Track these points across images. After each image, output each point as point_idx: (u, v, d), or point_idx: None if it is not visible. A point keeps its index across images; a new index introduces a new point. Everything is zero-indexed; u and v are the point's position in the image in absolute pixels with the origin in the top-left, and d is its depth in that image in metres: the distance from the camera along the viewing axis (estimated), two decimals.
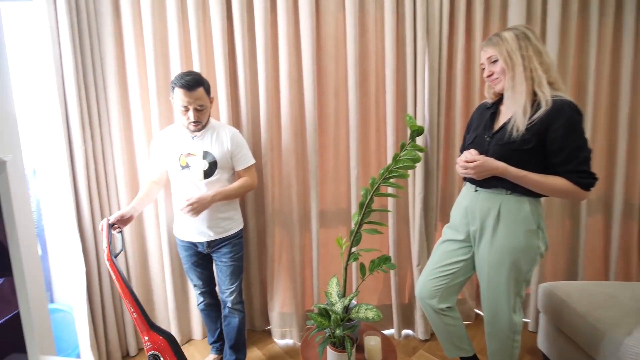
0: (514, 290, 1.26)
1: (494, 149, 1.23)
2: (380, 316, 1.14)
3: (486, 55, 1.26)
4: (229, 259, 1.58)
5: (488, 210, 1.26)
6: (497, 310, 1.30)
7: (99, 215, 1.67)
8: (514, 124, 1.17)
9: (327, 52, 1.79)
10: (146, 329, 1.28)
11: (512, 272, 1.24)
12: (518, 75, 1.16)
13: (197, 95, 1.39)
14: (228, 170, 1.57)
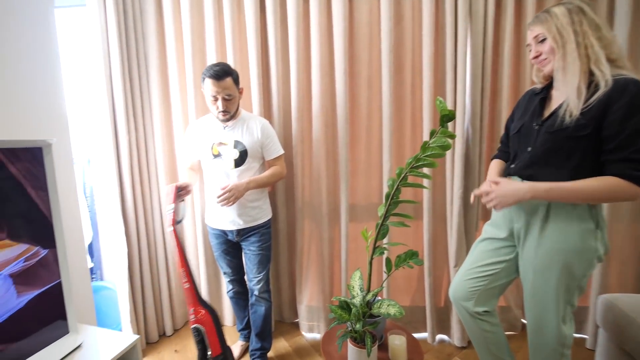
0: (564, 297, 1.11)
1: (544, 138, 1.09)
2: (402, 313, 1.07)
3: (533, 35, 1.13)
4: (257, 247, 1.59)
5: (536, 205, 1.12)
6: (542, 320, 1.15)
7: (141, 200, 1.78)
8: (567, 109, 1.03)
9: (360, 41, 1.74)
10: (194, 301, 1.32)
11: (563, 276, 1.09)
12: (570, 54, 1.02)
13: (225, 85, 1.42)
14: (258, 160, 1.58)
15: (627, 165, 0.95)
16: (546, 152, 1.09)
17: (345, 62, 1.69)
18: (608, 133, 0.97)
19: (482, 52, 1.64)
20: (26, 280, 0.96)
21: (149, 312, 1.83)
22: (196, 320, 1.29)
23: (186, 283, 1.32)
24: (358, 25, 1.73)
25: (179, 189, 1.42)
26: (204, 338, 1.31)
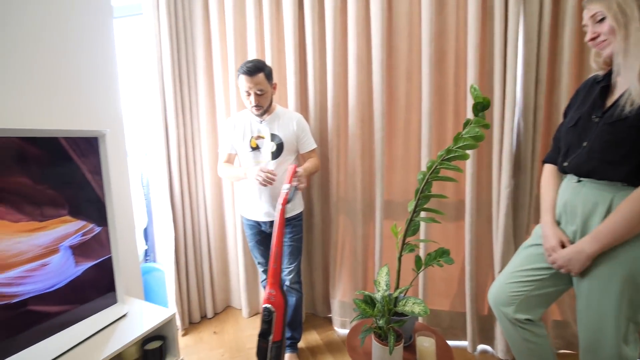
0: (626, 313, 0.95)
1: (603, 130, 0.96)
2: (427, 312, 1.01)
3: (590, 13, 0.99)
4: (288, 239, 1.63)
5: (594, 206, 0.98)
6: (598, 338, 1.00)
7: (187, 191, 1.92)
8: (629, 97, 0.90)
9: (399, 32, 1.68)
10: (276, 283, 1.35)
11: (626, 288, 0.94)
12: (634, 34, 0.89)
13: (257, 81, 1.47)
14: (293, 153, 1.62)
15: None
16: (605, 146, 0.95)
17: (382, 54, 1.64)
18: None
19: (537, 36, 1.49)
20: (83, 252, 1.09)
21: (192, 294, 1.97)
22: (271, 301, 1.32)
23: (274, 264, 1.35)
24: (397, 16, 1.67)
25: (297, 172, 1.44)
26: (272, 320, 1.31)
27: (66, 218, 1.05)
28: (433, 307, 1.80)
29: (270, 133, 1.58)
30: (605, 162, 0.95)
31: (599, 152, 0.97)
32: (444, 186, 1.73)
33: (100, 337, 1.07)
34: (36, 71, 1.16)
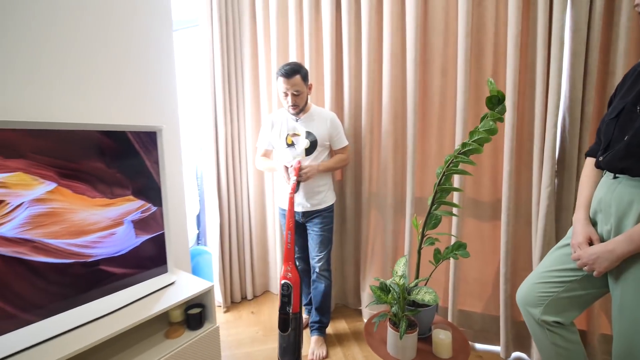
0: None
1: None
2: (437, 301, 1.03)
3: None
4: (319, 229, 1.72)
5: (629, 204, 0.92)
6: (633, 345, 0.93)
7: (232, 182, 2.12)
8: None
9: (434, 28, 1.67)
10: (292, 261, 1.51)
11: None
12: None
13: (293, 82, 1.58)
14: (326, 149, 1.71)
15: None
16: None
17: (416, 50, 1.66)
18: None
19: (586, 25, 1.38)
20: (141, 227, 1.31)
21: (234, 276, 2.17)
22: (287, 277, 1.46)
23: (289, 244, 1.52)
24: (432, 11, 1.67)
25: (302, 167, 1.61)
26: (290, 294, 1.45)
27: (130, 197, 1.27)
28: (464, 307, 1.76)
29: (305, 131, 1.69)
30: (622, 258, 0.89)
31: (638, 147, 0.90)
32: (479, 184, 1.69)
33: (151, 299, 1.27)
34: (109, 76, 1.41)
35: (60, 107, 1.26)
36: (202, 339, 1.34)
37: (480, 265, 1.72)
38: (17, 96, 1.16)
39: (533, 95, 1.50)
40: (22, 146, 1.00)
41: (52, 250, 1.07)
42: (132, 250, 1.27)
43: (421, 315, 1.21)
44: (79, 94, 1.31)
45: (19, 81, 1.15)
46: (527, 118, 1.55)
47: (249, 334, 1.85)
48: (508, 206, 1.56)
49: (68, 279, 1.10)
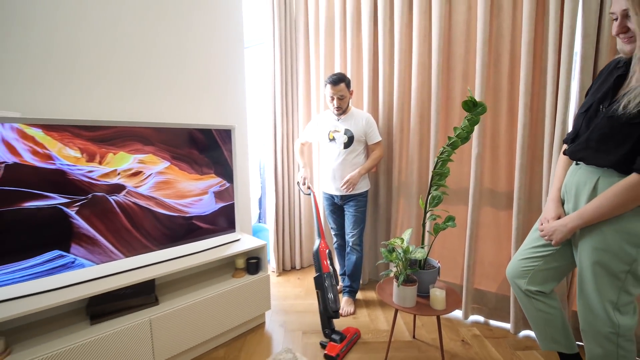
0: (612, 282, 1.06)
1: (602, 123, 1.06)
2: (424, 256, 1.32)
3: (620, 8, 1.01)
4: (354, 210, 2.09)
5: (584, 186, 1.12)
6: (591, 305, 1.11)
7: (287, 172, 2.60)
8: (630, 97, 0.98)
9: (456, 37, 1.91)
10: (322, 235, 1.92)
11: (608, 259, 1.06)
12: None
13: (339, 89, 1.97)
14: (361, 144, 2.07)
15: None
16: (601, 137, 1.06)
17: (440, 58, 1.92)
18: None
19: (596, 31, 1.51)
20: (219, 197, 1.83)
21: (286, 249, 2.65)
22: (320, 247, 1.88)
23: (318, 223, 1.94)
24: (455, 24, 1.91)
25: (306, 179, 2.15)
26: (319, 259, 1.84)
27: (212, 175, 1.81)
28: (480, 287, 1.96)
29: (344, 128, 2.07)
30: (599, 151, 1.06)
31: (595, 141, 1.08)
32: (497, 177, 1.88)
33: (223, 248, 1.79)
34: (196, 86, 1.98)
35: (170, 111, 1.86)
36: (257, 281, 1.82)
37: (496, 250, 1.90)
38: (145, 103, 1.77)
39: (544, 96, 1.66)
40: (152, 138, 1.58)
41: (166, 205, 1.64)
42: (213, 212, 1.81)
43: (422, 276, 1.51)
44: (178, 101, 1.90)
45: (145, 93, 1.76)
46: (540, 116, 1.71)
47: (294, 292, 2.30)
48: (519, 196, 1.74)
49: (174, 225, 1.67)
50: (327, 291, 1.70)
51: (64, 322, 1.38)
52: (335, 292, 1.72)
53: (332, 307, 1.65)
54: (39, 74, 1.44)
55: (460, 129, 1.26)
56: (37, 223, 1.30)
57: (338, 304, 1.69)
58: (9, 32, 1.36)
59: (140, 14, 1.72)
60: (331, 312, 1.65)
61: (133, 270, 1.52)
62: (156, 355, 1.45)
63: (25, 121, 1.25)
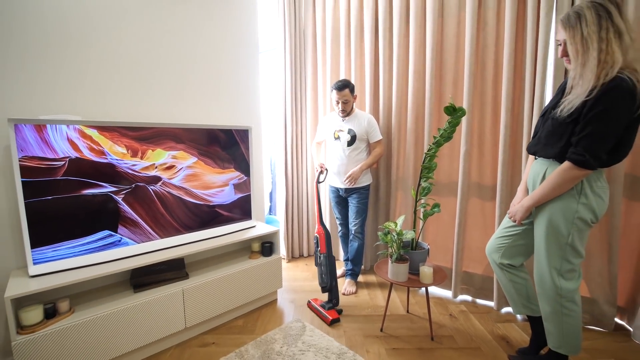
0: (556, 251, 1.30)
1: (548, 123, 1.33)
2: (413, 236, 1.57)
3: (560, 36, 1.27)
4: (357, 202, 2.34)
5: (538, 173, 1.37)
6: (541, 271, 1.36)
7: (296, 168, 2.86)
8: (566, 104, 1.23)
9: (447, 49, 2.15)
10: (319, 221, 2.16)
11: (551, 232, 1.30)
12: (590, 62, 1.15)
13: (343, 94, 2.22)
14: (363, 142, 2.32)
15: (571, 150, 1.19)
16: (547, 134, 1.33)
17: (433, 66, 2.16)
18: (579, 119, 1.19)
19: None
20: (238, 188, 2.10)
21: (295, 238, 2.92)
22: (316, 232, 2.14)
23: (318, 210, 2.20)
24: (446, 37, 2.15)
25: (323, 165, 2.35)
26: (318, 243, 2.11)
27: (232, 170, 2.07)
28: (468, 269, 2.20)
29: (348, 128, 2.32)
30: (547, 145, 1.32)
31: (544, 138, 1.34)
32: (483, 171, 2.11)
33: (241, 233, 2.06)
34: (216, 89, 2.24)
35: (194, 113, 2.13)
36: (271, 262, 2.08)
37: (482, 236, 2.14)
38: (174, 106, 2.04)
39: (523, 101, 1.90)
40: (183, 137, 1.85)
41: (194, 195, 1.91)
42: (232, 202, 2.08)
43: (413, 256, 1.76)
44: (202, 104, 2.17)
45: (175, 98, 2.03)
46: (520, 118, 1.94)
47: (302, 276, 2.57)
48: (502, 188, 1.97)
49: (201, 212, 1.94)
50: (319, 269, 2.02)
51: (113, 290, 1.66)
52: (321, 271, 2.01)
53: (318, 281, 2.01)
54: (96, 83, 1.71)
55: (443, 130, 1.50)
56: (93, 207, 1.58)
57: (325, 280, 2.00)
58: (77, 53, 1.64)
59: (174, 31, 1.99)
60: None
61: (167, 249, 1.79)
62: (187, 320, 1.72)
63: (85, 123, 1.53)
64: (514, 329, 1.85)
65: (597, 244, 1.79)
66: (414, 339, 1.75)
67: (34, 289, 1.32)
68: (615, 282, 1.77)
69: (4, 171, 1.48)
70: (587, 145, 1.18)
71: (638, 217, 1.75)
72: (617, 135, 1.18)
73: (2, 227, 1.49)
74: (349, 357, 1.58)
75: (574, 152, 1.21)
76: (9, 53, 1.47)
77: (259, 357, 1.59)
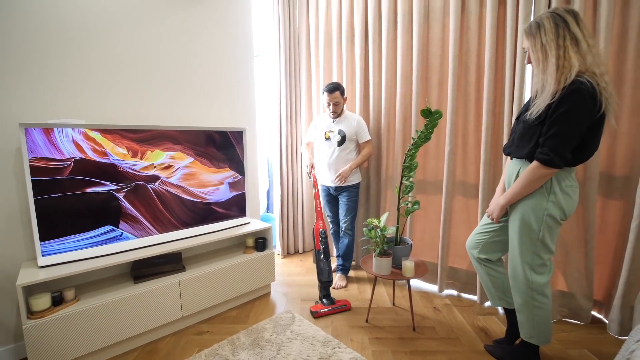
0: (528, 247, 1.39)
1: (520, 126, 1.42)
2: (393, 231, 1.67)
3: (526, 45, 1.37)
4: (347, 199, 2.44)
5: (512, 173, 1.45)
6: (514, 266, 1.45)
7: (291, 167, 2.97)
8: (533, 109, 1.32)
9: (433, 53, 2.24)
10: (321, 218, 2.27)
11: (524, 228, 1.39)
12: (550, 68, 1.25)
13: (334, 96, 2.32)
14: (353, 142, 2.42)
15: (538, 150, 1.28)
16: (520, 136, 1.42)
17: (419, 69, 2.25)
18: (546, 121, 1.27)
19: None
20: (233, 187, 2.22)
21: (290, 235, 3.03)
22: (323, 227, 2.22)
23: (318, 207, 2.30)
24: (432, 41, 2.23)
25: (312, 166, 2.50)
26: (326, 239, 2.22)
27: (227, 169, 2.19)
28: (453, 265, 2.29)
29: (338, 129, 2.42)
30: (519, 147, 1.40)
31: (517, 140, 1.43)
32: (467, 170, 2.20)
33: (236, 229, 2.17)
34: (210, 92, 2.36)
35: (190, 115, 2.25)
36: (264, 256, 2.20)
37: (466, 233, 2.21)
38: (171, 110, 2.16)
39: (503, 103, 1.98)
40: (180, 138, 1.97)
41: (191, 193, 2.03)
42: (228, 199, 2.20)
43: (396, 251, 1.86)
44: (197, 106, 2.29)
45: (171, 101, 2.16)
46: (500, 120, 2.02)
47: (296, 271, 2.68)
48: (484, 187, 2.06)
49: (197, 209, 2.06)
50: (319, 265, 2.07)
51: (114, 281, 1.79)
52: (321, 267, 2.08)
53: (318, 277, 2.02)
54: (97, 88, 1.84)
55: (420, 132, 1.59)
56: (96, 204, 1.71)
57: (324, 276, 2.06)
58: (78, 59, 1.77)
59: (172, 37, 2.12)
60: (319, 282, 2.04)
61: (165, 243, 1.91)
62: (184, 309, 1.85)
63: (89, 126, 1.66)
64: (494, 322, 1.93)
65: (574, 241, 1.86)
66: (397, 329, 1.85)
67: (43, 278, 1.45)
68: (591, 276, 1.84)
69: (15, 171, 1.61)
70: (552, 145, 1.27)
71: (613, 215, 1.82)
72: (579, 135, 1.25)
73: (14, 222, 1.63)
74: (333, 345, 1.69)
75: (540, 152, 1.29)
76: (15, 61, 1.60)
77: (250, 344, 1.70)
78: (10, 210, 1.61)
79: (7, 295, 1.61)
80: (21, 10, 1.60)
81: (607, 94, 1.21)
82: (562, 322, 1.91)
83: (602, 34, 1.66)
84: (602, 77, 1.21)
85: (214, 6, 2.33)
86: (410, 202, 1.84)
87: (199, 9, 2.25)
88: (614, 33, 1.68)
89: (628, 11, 1.65)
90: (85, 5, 1.79)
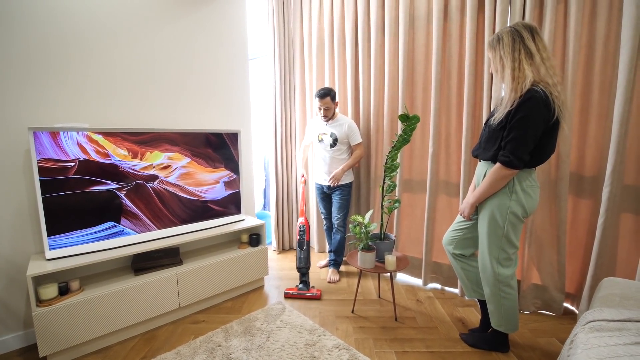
0: (495, 242, 1.51)
1: (486, 130, 1.54)
2: (375, 227, 1.79)
3: (489, 55, 1.51)
4: (339, 198, 2.56)
5: (480, 175, 1.57)
6: (483, 260, 1.57)
7: (286, 168, 3.09)
8: (496, 114, 1.45)
9: (418, 59, 2.35)
10: (302, 214, 2.44)
11: (491, 225, 1.51)
12: (507, 78, 1.40)
13: (325, 101, 2.44)
14: (344, 144, 2.53)
15: (500, 152, 1.39)
16: (486, 140, 1.54)
17: (405, 74, 2.36)
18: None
19: None
20: (228, 185, 2.35)
21: (285, 231, 3.15)
22: (305, 222, 2.38)
23: (303, 206, 2.45)
24: (417, 47, 2.35)
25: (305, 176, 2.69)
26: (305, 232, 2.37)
27: (223, 169, 2.32)
28: (437, 260, 2.41)
29: (330, 131, 2.54)
30: (485, 149, 1.52)
31: (484, 143, 1.54)
32: (449, 170, 2.31)
33: (231, 225, 2.30)
34: (206, 95, 2.49)
35: (187, 118, 2.38)
36: (257, 252, 2.33)
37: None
38: (168, 113, 2.29)
39: (482, 106, 2.09)
40: (178, 140, 2.10)
41: (188, 191, 2.16)
42: (223, 198, 2.32)
43: (380, 246, 1.98)
44: (194, 109, 2.42)
45: (168, 104, 2.28)
46: (479, 122, 2.13)
47: (289, 265, 2.81)
48: (464, 186, 2.17)
49: (194, 207, 2.19)
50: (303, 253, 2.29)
51: (116, 274, 1.92)
52: (297, 256, 2.30)
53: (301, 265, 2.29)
54: (97, 93, 1.97)
55: (399, 135, 1.71)
56: (99, 202, 1.83)
57: (297, 263, 2.31)
58: (79, 66, 1.89)
59: (169, 43, 2.24)
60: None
61: (164, 238, 2.04)
62: (181, 300, 1.98)
63: (92, 130, 1.79)
64: (473, 313, 2.06)
65: (547, 237, 1.98)
66: (380, 319, 1.98)
67: (50, 269, 1.58)
68: (563, 270, 1.96)
69: (25, 171, 1.74)
70: (511, 148, 1.39)
71: (584, 213, 1.93)
72: (535, 139, 1.37)
73: (24, 219, 1.76)
74: (319, 333, 1.82)
75: (502, 154, 1.41)
76: (17, 69, 1.73)
77: (242, 332, 1.83)
78: (20, 207, 1.74)
79: (17, 285, 1.75)
80: (24, 24, 1.73)
81: (559, 102, 1.33)
82: (536, 314, 2.03)
83: (571, 43, 1.77)
84: (555, 87, 1.32)
85: (210, 14, 2.45)
86: (392, 200, 1.96)
87: (195, 17, 2.37)
88: (582, 42, 1.79)
89: (595, 22, 1.76)
90: (85, 20, 1.91)
